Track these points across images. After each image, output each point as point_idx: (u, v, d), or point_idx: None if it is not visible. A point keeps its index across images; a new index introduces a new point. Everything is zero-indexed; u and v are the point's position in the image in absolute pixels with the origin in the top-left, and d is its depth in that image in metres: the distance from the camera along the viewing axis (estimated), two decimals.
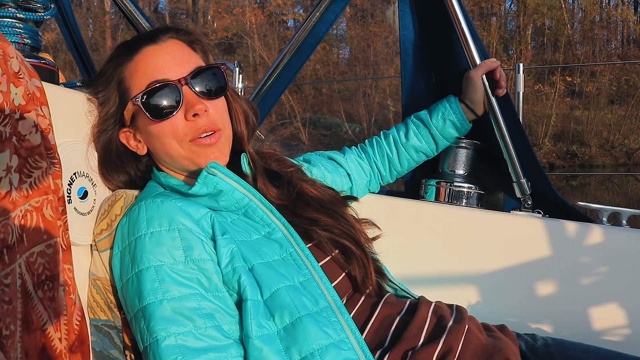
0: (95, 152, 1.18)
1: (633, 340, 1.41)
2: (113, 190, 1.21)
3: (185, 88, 1.10)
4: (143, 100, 1.09)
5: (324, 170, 1.45)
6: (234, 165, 1.21)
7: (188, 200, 1.08)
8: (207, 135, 1.11)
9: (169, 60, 1.11)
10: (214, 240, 1.04)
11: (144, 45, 1.13)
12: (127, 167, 1.20)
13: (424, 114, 1.57)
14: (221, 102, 1.16)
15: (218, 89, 1.14)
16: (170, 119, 1.10)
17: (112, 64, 1.15)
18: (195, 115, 1.09)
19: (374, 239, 1.28)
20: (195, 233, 1.03)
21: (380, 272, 1.24)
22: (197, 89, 1.11)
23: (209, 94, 1.13)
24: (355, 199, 1.40)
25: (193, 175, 1.15)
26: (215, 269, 1.01)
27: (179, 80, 1.09)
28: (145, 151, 1.18)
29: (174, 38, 1.16)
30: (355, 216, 1.30)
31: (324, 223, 1.17)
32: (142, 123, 1.14)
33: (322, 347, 0.95)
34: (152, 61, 1.11)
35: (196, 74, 1.11)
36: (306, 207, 1.20)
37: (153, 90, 1.09)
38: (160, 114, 1.09)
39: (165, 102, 1.09)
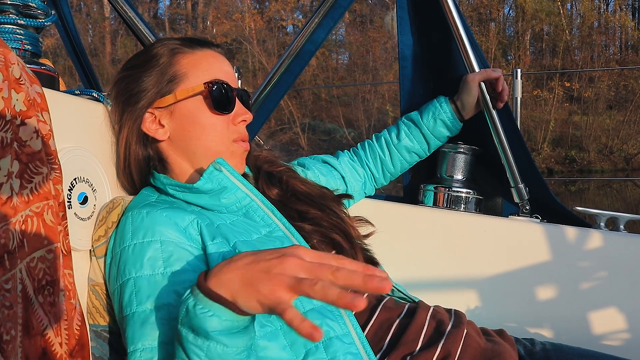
0: (95, 157, 1.18)
1: (631, 344, 1.41)
2: (124, 176, 1.23)
3: (237, 97, 1.20)
4: (214, 89, 1.15)
5: (318, 173, 1.46)
6: None
7: (175, 209, 1.08)
8: (244, 143, 1.21)
9: (228, 70, 1.21)
10: (203, 247, 1.03)
11: (206, 47, 1.21)
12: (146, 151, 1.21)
13: (414, 114, 1.58)
14: None
15: (249, 109, 1.25)
16: (226, 116, 1.18)
17: (164, 52, 1.19)
18: (242, 121, 1.19)
19: (368, 235, 1.29)
20: (179, 244, 1.02)
21: (373, 262, 1.25)
22: (242, 101, 1.21)
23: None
24: (349, 196, 1.40)
25: (197, 176, 1.18)
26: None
27: (234, 88, 1.19)
28: (165, 137, 1.19)
29: (224, 56, 1.25)
30: (346, 212, 1.31)
31: (312, 215, 1.20)
32: (190, 110, 1.16)
33: (325, 340, 0.97)
34: (216, 63, 1.20)
35: (241, 90, 1.22)
36: (296, 201, 1.23)
37: (221, 85, 1.16)
38: (222, 107, 1.16)
39: (226, 100, 1.17)
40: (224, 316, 0.75)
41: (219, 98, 1.15)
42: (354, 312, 1.10)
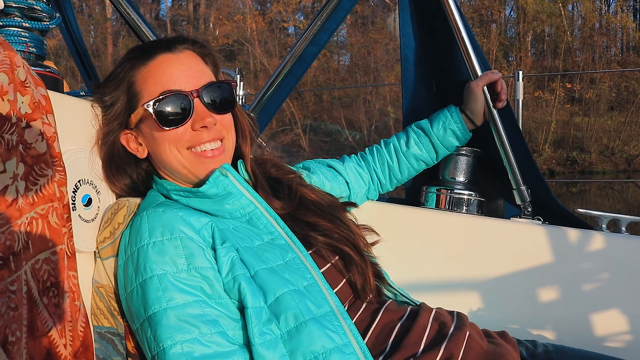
0: (99, 158, 1.19)
1: (633, 346, 1.42)
2: (118, 194, 1.22)
3: (196, 100, 1.12)
4: (155, 107, 1.10)
5: (323, 177, 1.46)
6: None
7: (188, 210, 1.09)
8: (211, 149, 1.14)
9: (184, 72, 1.13)
10: (214, 249, 1.05)
11: (159, 53, 1.15)
12: (129, 170, 1.21)
13: (424, 122, 1.57)
14: (228, 117, 1.19)
15: (227, 104, 1.17)
16: (178, 128, 1.12)
17: (125, 67, 1.16)
18: (203, 127, 1.12)
19: (373, 244, 1.29)
20: (196, 242, 1.04)
21: (380, 276, 1.25)
22: (207, 102, 1.13)
23: (219, 109, 1.15)
24: (354, 205, 1.41)
25: (195, 184, 1.17)
26: (217, 276, 1.02)
27: (191, 92, 1.12)
28: (145, 155, 1.19)
29: (190, 49, 1.18)
30: (355, 221, 1.31)
31: (323, 227, 1.19)
32: (148, 128, 1.15)
33: (326, 351, 0.97)
34: (167, 70, 1.13)
35: (208, 88, 1.14)
36: (306, 211, 1.22)
37: (165, 98, 1.10)
38: (169, 122, 1.11)
39: (175, 112, 1.11)
40: None
41: (163, 114, 1.10)
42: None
